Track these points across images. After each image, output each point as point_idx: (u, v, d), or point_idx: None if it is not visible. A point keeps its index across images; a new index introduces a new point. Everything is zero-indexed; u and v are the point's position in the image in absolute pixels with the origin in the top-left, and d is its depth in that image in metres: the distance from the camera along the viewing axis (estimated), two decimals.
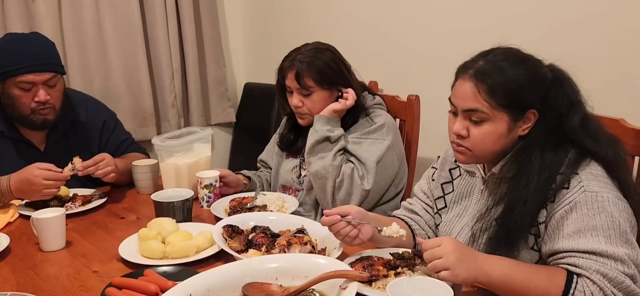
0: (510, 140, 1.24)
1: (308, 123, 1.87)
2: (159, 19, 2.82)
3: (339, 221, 1.30)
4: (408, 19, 2.37)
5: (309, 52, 1.82)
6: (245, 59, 3.30)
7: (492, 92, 1.19)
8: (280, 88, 1.90)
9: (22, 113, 1.87)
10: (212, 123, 3.10)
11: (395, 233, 1.31)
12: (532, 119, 1.22)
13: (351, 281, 1.11)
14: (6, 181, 1.76)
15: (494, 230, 1.25)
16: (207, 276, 1.17)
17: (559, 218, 1.17)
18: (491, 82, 1.19)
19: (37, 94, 1.84)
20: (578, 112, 1.22)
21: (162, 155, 1.93)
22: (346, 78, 1.84)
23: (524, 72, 1.21)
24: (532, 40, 1.83)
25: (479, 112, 1.21)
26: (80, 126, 2.05)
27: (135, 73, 2.80)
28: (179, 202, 1.66)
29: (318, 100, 1.81)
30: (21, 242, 1.58)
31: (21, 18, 2.50)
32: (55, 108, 1.91)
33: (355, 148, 1.80)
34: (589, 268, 1.10)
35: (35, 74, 1.82)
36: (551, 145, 1.21)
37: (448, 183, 1.46)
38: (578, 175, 1.18)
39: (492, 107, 1.20)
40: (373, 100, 1.92)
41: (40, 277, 1.38)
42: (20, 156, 1.92)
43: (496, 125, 1.21)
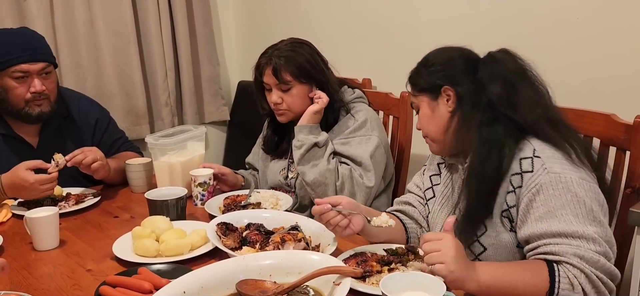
0: (441, 119, 1.34)
1: (288, 120, 1.86)
2: (152, 16, 2.81)
3: (329, 210, 1.32)
4: (401, 15, 2.37)
5: (286, 47, 1.81)
6: (238, 57, 3.30)
7: (412, 85, 1.42)
8: (258, 86, 1.87)
9: (17, 107, 1.86)
10: (206, 121, 3.10)
11: (384, 222, 1.33)
12: (452, 96, 1.31)
13: (345, 277, 1.11)
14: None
15: (460, 219, 1.27)
16: (201, 274, 1.17)
17: (528, 202, 1.20)
18: (412, 79, 1.42)
19: (32, 84, 1.84)
20: (497, 83, 1.26)
21: (156, 153, 1.92)
22: (324, 72, 1.83)
23: (439, 60, 1.38)
24: (525, 37, 1.85)
25: (414, 104, 1.44)
26: (73, 123, 2.04)
27: (128, 71, 2.79)
28: (172, 200, 1.65)
29: (297, 95, 1.80)
30: (14, 242, 1.58)
31: (13, 17, 2.49)
32: (50, 100, 1.91)
33: (346, 149, 1.80)
34: (566, 252, 1.13)
35: (29, 64, 1.82)
36: (487, 120, 1.26)
37: (436, 175, 1.50)
38: (540, 158, 1.21)
39: (414, 96, 1.41)
40: (353, 94, 1.90)
41: (33, 276, 1.38)
42: (13, 153, 1.92)
43: (424, 107, 1.38)
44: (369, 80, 2.49)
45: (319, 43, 1.92)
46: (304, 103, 1.81)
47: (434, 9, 2.25)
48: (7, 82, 1.83)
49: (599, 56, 1.81)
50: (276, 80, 1.78)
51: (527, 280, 1.14)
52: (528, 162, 1.22)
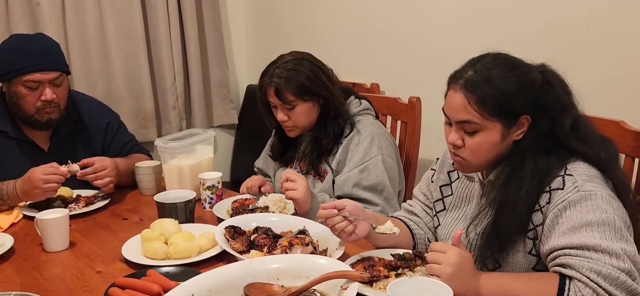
0: (505, 147, 1.25)
1: (296, 135, 1.87)
2: (161, 21, 2.84)
3: (335, 215, 1.31)
4: (410, 20, 2.38)
5: (287, 65, 1.78)
6: (247, 61, 3.32)
7: (482, 102, 1.20)
8: (263, 105, 1.87)
9: (27, 113, 1.88)
10: (215, 125, 3.12)
11: (388, 230, 1.32)
12: (526, 124, 1.23)
13: (352, 281, 1.12)
14: (12, 184, 1.77)
15: (486, 233, 1.25)
16: (209, 277, 1.18)
17: (554, 217, 1.17)
18: (480, 93, 1.20)
19: (43, 93, 1.85)
20: (569, 115, 1.23)
21: (165, 156, 1.94)
22: (326, 85, 1.80)
23: (513, 80, 1.20)
24: (534, 42, 1.85)
25: (471, 123, 1.22)
26: (84, 127, 2.06)
27: (137, 75, 2.81)
28: (181, 203, 1.67)
29: (301, 113, 1.79)
30: (25, 243, 1.60)
31: (25, 21, 2.52)
32: (60, 108, 1.92)
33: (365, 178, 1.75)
34: (582, 267, 1.09)
35: (41, 73, 1.84)
36: (544, 149, 1.22)
37: (446, 185, 1.47)
38: (572, 176, 1.18)
39: (484, 117, 1.21)
40: (359, 106, 1.88)
41: (44, 277, 1.39)
42: (25, 156, 1.94)
43: (489, 134, 1.22)
44: (377, 85, 2.49)
45: (327, 48, 1.93)
46: (309, 118, 1.81)
47: (442, 14, 2.25)
48: (19, 89, 1.85)
49: (608, 63, 1.81)
50: (279, 101, 1.78)
51: (532, 292, 1.13)
52: (559, 180, 1.19)
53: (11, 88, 1.87)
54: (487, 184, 1.33)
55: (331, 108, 1.81)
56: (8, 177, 1.84)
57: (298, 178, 1.64)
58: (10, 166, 1.89)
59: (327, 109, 1.81)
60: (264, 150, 2.11)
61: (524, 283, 1.15)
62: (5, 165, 1.90)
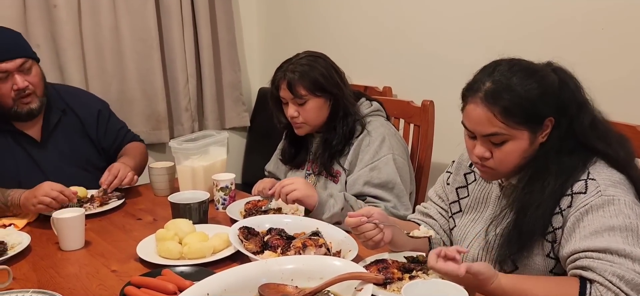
0: (533, 151, 1.23)
1: (305, 133, 1.87)
2: (175, 23, 2.86)
3: (365, 222, 1.29)
4: (422, 24, 2.38)
5: (301, 61, 1.81)
6: (259, 63, 3.33)
7: (507, 112, 1.17)
8: (274, 101, 1.88)
9: (6, 106, 1.90)
10: (227, 127, 3.14)
11: (423, 233, 1.32)
12: (550, 126, 1.22)
13: (366, 283, 1.12)
14: (19, 194, 1.76)
15: (506, 232, 1.25)
16: (224, 276, 1.18)
17: (575, 221, 1.16)
18: (504, 103, 1.17)
19: (14, 82, 1.86)
20: (587, 112, 1.22)
21: (179, 157, 1.95)
22: (338, 85, 1.82)
23: (535, 86, 1.19)
24: (548, 45, 1.84)
25: (498, 135, 1.20)
26: (74, 115, 2.09)
27: (150, 77, 2.84)
28: (195, 203, 1.68)
29: (312, 109, 1.80)
30: (41, 241, 1.62)
31: (43, 23, 2.56)
32: (38, 95, 1.93)
33: (376, 176, 1.75)
34: (604, 271, 1.08)
35: (6, 62, 1.84)
36: (567, 149, 1.21)
37: (463, 187, 1.46)
38: (595, 181, 1.17)
39: (510, 127, 1.18)
40: (370, 107, 1.89)
41: (60, 276, 1.41)
42: (20, 147, 1.97)
43: (518, 142, 1.20)
44: (389, 88, 2.50)
45: (340, 51, 1.93)
46: (319, 116, 1.82)
47: (455, 17, 2.25)
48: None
49: (624, 66, 1.80)
50: (291, 95, 1.79)
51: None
52: (581, 184, 1.18)
53: None
54: (508, 186, 1.32)
55: (341, 108, 1.82)
56: (8, 172, 1.90)
57: (293, 180, 1.66)
58: (9, 159, 1.94)
59: (337, 108, 1.82)
60: (275, 154, 2.11)
61: (543, 286, 1.15)
62: (5, 159, 1.94)
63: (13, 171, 1.93)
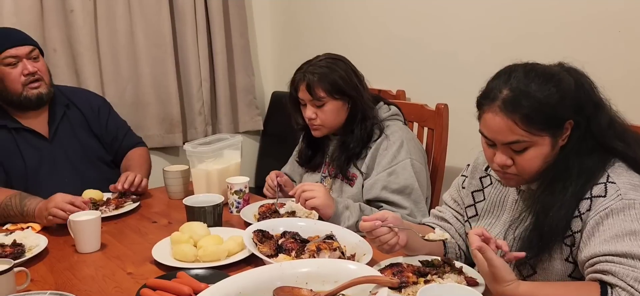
0: (554, 155, 1.22)
1: (322, 135, 1.87)
2: (189, 29, 2.89)
3: (380, 226, 1.29)
4: (436, 27, 2.37)
5: (321, 63, 1.81)
6: (273, 67, 3.34)
7: (528, 119, 1.16)
8: (292, 102, 1.88)
9: (16, 92, 1.96)
10: (241, 130, 3.16)
11: (439, 237, 1.31)
12: (569, 128, 1.21)
13: (381, 287, 1.11)
14: (35, 203, 1.77)
15: (526, 235, 1.23)
16: (239, 279, 1.18)
17: (594, 225, 1.15)
18: (524, 111, 1.16)
19: (24, 67, 1.95)
20: (604, 112, 1.21)
21: (193, 160, 1.97)
22: (357, 88, 1.82)
23: (554, 91, 1.17)
24: (563, 49, 1.82)
25: (520, 142, 1.19)
26: (78, 111, 2.15)
27: (164, 81, 2.86)
28: (210, 207, 1.69)
29: (330, 111, 1.80)
30: (58, 244, 1.63)
31: (60, 27, 2.59)
32: (46, 82, 2.01)
33: (393, 181, 1.75)
34: (626, 276, 1.07)
35: (16, 48, 1.95)
36: (587, 149, 1.19)
37: (479, 191, 1.45)
38: (615, 184, 1.16)
39: (532, 134, 1.17)
40: (388, 112, 1.89)
41: (77, 278, 1.43)
42: (29, 145, 2.01)
43: (540, 148, 1.19)
44: (403, 92, 2.49)
45: (353, 55, 1.93)
46: (337, 118, 1.82)
47: (469, 21, 2.24)
48: (1, 71, 1.94)
49: None
50: (310, 96, 1.79)
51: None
52: (600, 187, 1.17)
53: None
54: (525, 189, 1.31)
55: (359, 111, 1.81)
56: (19, 169, 1.95)
57: (315, 187, 1.66)
58: (18, 158, 1.98)
59: (355, 112, 1.82)
60: (292, 157, 2.12)
61: (562, 292, 1.13)
62: (13, 156, 1.98)
63: (22, 169, 1.98)
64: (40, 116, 2.06)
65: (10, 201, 1.78)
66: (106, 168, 2.18)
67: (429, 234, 1.32)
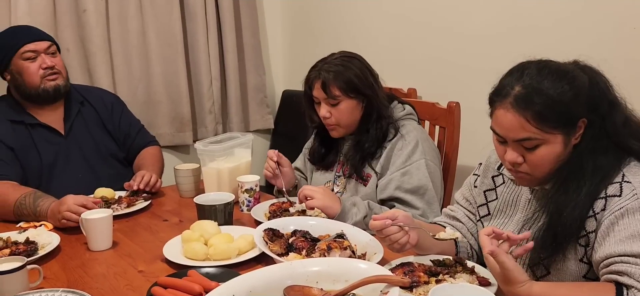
0: (567, 153, 1.20)
1: (339, 136, 1.86)
2: (200, 28, 2.90)
3: (389, 225, 1.28)
4: (448, 25, 2.35)
5: (336, 61, 1.79)
6: (284, 66, 3.34)
7: (540, 117, 1.14)
8: (307, 100, 1.87)
9: (34, 85, 2.00)
10: (251, 129, 3.16)
11: (450, 236, 1.30)
12: (583, 127, 1.19)
13: (392, 286, 1.11)
14: (48, 204, 1.78)
15: (539, 235, 1.22)
16: (249, 278, 1.18)
17: (609, 224, 1.13)
18: (536, 108, 1.14)
19: (42, 62, 2.00)
20: (619, 111, 1.19)
21: (204, 159, 1.97)
22: (372, 87, 1.80)
23: (567, 88, 1.16)
24: (577, 47, 1.79)
25: (531, 140, 1.17)
26: (92, 109, 2.19)
27: (175, 80, 2.88)
28: (221, 205, 1.69)
29: (345, 110, 1.79)
30: (71, 242, 1.65)
31: (73, 27, 2.61)
32: (63, 76, 2.06)
33: (407, 181, 1.73)
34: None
35: (35, 43, 2.01)
36: (601, 148, 1.18)
37: (491, 190, 1.44)
38: (631, 183, 1.14)
39: (544, 131, 1.16)
40: (403, 111, 1.87)
41: (88, 275, 1.43)
42: (44, 141, 2.04)
43: (552, 146, 1.17)
44: (414, 90, 2.48)
45: (365, 54, 1.92)
46: (352, 117, 1.81)
47: (481, 19, 2.22)
48: (20, 64, 1.99)
49: None
50: (325, 95, 1.78)
51: None
52: (615, 186, 1.15)
53: (13, 69, 2.01)
54: (539, 188, 1.29)
55: (374, 110, 1.80)
56: (35, 164, 1.99)
57: (315, 189, 1.67)
58: (34, 154, 2.01)
59: (370, 111, 1.80)
60: (302, 152, 2.11)
61: (577, 293, 1.12)
62: (30, 151, 2.01)
63: (37, 164, 2.01)
64: (56, 112, 2.09)
65: (24, 200, 1.80)
66: (119, 166, 2.21)
67: (440, 233, 1.31)
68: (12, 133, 2.00)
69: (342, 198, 1.70)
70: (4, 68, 2.02)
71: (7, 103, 2.06)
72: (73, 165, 2.08)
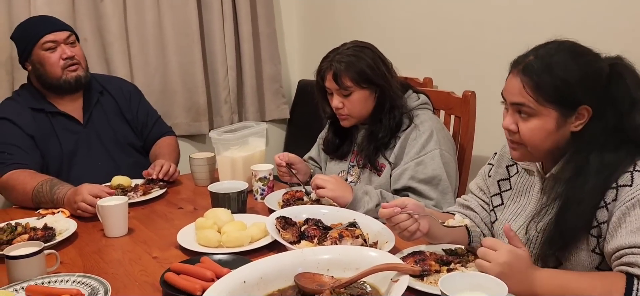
0: (561, 137, 1.20)
1: (350, 125, 1.85)
2: (216, 18, 2.91)
3: (398, 213, 1.28)
4: (464, 14, 2.33)
5: (347, 51, 1.78)
6: (299, 56, 3.34)
7: (537, 88, 1.17)
8: (320, 90, 1.87)
9: (55, 76, 2.04)
10: (267, 119, 3.17)
11: (458, 223, 1.29)
12: (586, 116, 1.18)
13: (402, 274, 1.10)
14: (64, 191, 1.81)
15: (547, 230, 1.21)
16: (261, 265, 1.19)
17: (621, 215, 1.11)
18: (537, 79, 1.17)
19: (63, 52, 2.04)
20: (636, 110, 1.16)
21: (219, 148, 1.98)
22: (385, 77, 1.78)
23: (575, 68, 1.16)
24: (601, 38, 1.75)
25: (525, 107, 1.19)
26: (111, 98, 2.23)
27: (191, 70, 2.90)
28: (234, 193, 1.70)
29: (357, 101, 1.78)
30: (87, 228, 1.67)
31: (90, 18, 2.64)
32: (82, 66, 2.10)
33: (421, 170, 1.72)
34: None
35: (54, 33, 2.04)
36: (612, 144, 1.16)
37: (505, 180, 1.42)
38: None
39: (539, 103, 1.17)
40: (417, 101, 1.85)
41: (104, 261, 1.46)
42: (64, 129, 2.09)
43: (544, 120, 1.19)
44: (430, 79, 2.45)
45: (380, 43, 1.90)
46: (365, 107, 1.80)
47: (497, 7, 2.18)
48: (40, 55, 2.03)
49: None
50: (337, 86, 1.77)
51: (596, 294, 1.07)
52: (627, 176, 1.13)
53: (34, 59, 2.04)
54: (549, 179, 1.28)
55: (387, 100, 1.78)
56: (55, 152, 2.03)
57: (327, 178, 1.67)
58: (54, 142, 2.05)
59: (383, 101, 1.79)
60: (317, 142, 2.11)
61: (587, 282, 1.10)
62: (50, 139, 2.05)
63: (58, 151, 2.05)
64: (76, 101, 2.13)
65: (41, 187, 1.84)
66: (137, 154, 2.24)
67: (449, 220, 1.30)
68: (32, 121, 2.04)
69: (354, 187, 1.69)
70: (25, 58, 2.06)
71: (29, 92, 2.10)
72: (92, 153, 2.11)
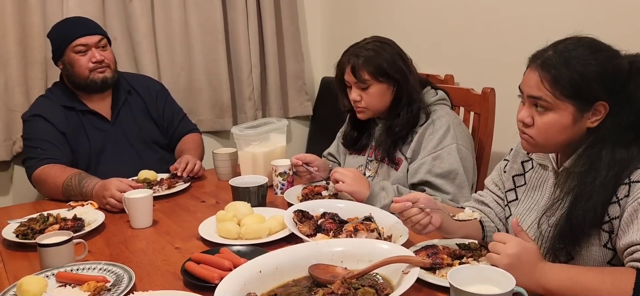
0: (577, 132, 1.20)
1: (367, 117, 1.88)
2: (240, 16, 2.96)
3: (410, 207, 1.30)
4: (484, 11, 2.32)
5: (368, 45, 1.81)
6: (323, 53, 3.37)
7: (555, 82, 1.17)
8: (339, 84, 1.90)
9: (83, 76, 2.11)
10: (290, 116, 3.21)
11: (468, 216, 1.31)
12: (603, 111, 1.17)
13: (413, 266, 1.13)
14: (92, 185, 1.89)
15: (559, 225, 1.21)
16: (276, 255, 1.23)
17: (633, 211, 1.11)
18: (555, 73, 1.17)
19: (92, 56, 2.10)
20: None
21: (240, 144, 2.03)
22: (403, 72, 1.80)
23: (594, 63, 1.16)
24: (623, 37, 1.73)
25: (542, 100, 1.19)
26: (138, 97, 2.30)
27: (215, 68, 2.96)
28: (254, 187, 1.75)
29: (374, 94, 1.80)
30: (114, 219, 1.75)
31: (119, 18, 2.73)
32: (111, 69, 2.16)
33: (438, 165, 1.74)
34: None
35: (86, 37, 2.10)
36: (624, 141, 1.15)
37: (520, 175, 1.43)
38: None
39: (556, 97, 1.18)
40: (435, 96, 1.87)
41: (129, 250, 1.52)
42: (92, 126, 2.17)
43: (560, 115, 1.19)
44: (451, 76, 2.46)
45: (403, 39, 1.92)
46: (382, 101, 1.82)
47: (517, 4, 2.17)
48: (71, 57, 2.09)
49: None
50: (355, 79, 1.80)
51: (605, 288, 1.08)
52: (639, 172, 1.14)
53: (65, 59, 2.12)
54: (562, 173, 1.28)
55: (404, 95, 1.80)
56: (84, 148, 2.12)
57: (345, 172, 1.70)
58: (83, 138, 2.14)
59: (400, 95, 1.81)
60: (337, 137, 2.14)
61: (596, 277, 1.10)
62: (80, 136, 2.13)
63: (87, 148, 2.14)
64: (105, 100, 2.21)
65: (70, 181, 1.92)
66: (162, 151, 2.31)
67: (459, 214, 1.31)
68: (64, 119, 2.13)
69: (372, 183, 1.72)
70: (58, 57, 2.15)
71: (61, 90, 2.19)
72: (119, 150, 2.19)
